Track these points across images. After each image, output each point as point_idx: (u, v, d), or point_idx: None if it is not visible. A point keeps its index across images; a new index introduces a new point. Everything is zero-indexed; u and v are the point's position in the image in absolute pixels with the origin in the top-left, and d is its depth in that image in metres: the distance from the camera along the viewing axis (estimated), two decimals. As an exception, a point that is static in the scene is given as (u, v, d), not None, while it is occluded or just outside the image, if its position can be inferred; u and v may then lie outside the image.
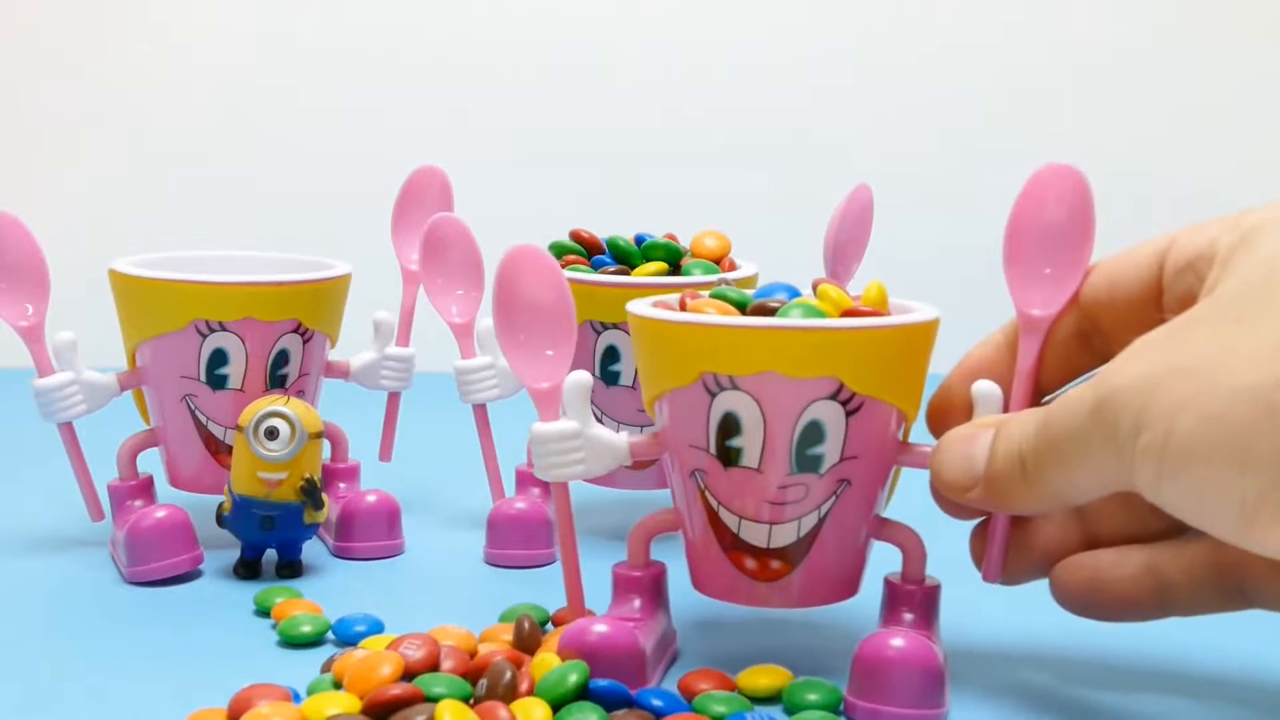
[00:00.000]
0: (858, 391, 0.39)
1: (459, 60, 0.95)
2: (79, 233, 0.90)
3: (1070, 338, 0.42)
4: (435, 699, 0.37)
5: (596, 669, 0.39)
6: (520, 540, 0.54)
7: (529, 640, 0.42)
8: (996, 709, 0.41)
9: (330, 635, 0.45)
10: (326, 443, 0.54)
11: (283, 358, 0.54)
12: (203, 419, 0.53)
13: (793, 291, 0.42)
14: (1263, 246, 0.35)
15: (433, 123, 0.94)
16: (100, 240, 0.77)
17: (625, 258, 0.55)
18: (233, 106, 0.95)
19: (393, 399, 0.60)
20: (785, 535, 0.41)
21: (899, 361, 0.40)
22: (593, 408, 0.54)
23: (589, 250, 0.56)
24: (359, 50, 0.95)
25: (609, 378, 0.54)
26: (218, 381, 0.53)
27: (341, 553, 0.55)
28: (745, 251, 0.57)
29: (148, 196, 0.95)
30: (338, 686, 0.40)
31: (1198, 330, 0.34)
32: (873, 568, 0.43)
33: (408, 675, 0.39)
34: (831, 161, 0.93)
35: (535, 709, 0.37)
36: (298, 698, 0.39)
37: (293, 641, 0.45)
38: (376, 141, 0.94)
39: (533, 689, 0.38)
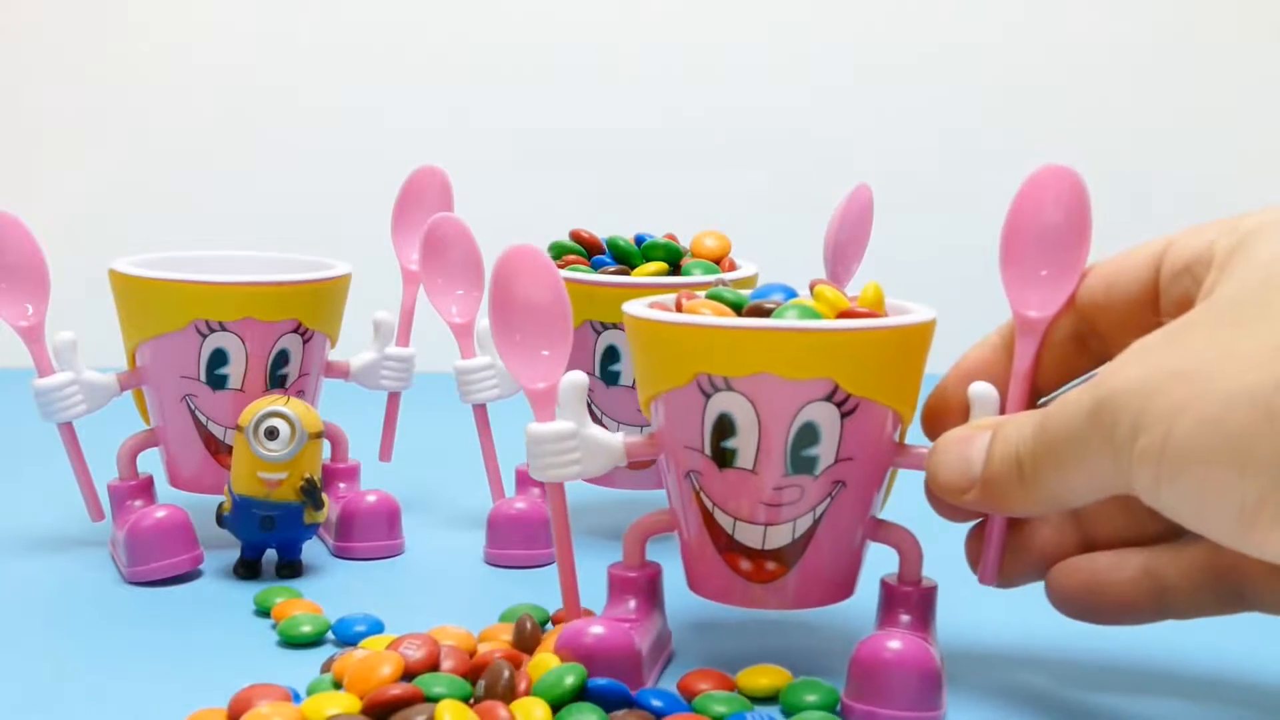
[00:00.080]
0: (853, 393, 0.39)
1: (459, 60, 0.95)
2: (79, 233, 0.90)
3: (1067, 339, 0.42)
4: (435, 699, 0.37)
5: (592, 670, 0.39)
6: (520, 540, 0.54)
7: (529, 640, 0.42)
8: (993, 711, 0.41)
9: (330, 635, 0.45)
10: (326, 443, 0.54)
11: (283, 358, 0.54)
12: (203, 419, 0.53)
13: (789, 292, 0.42)
14: (1260, 250, 0.35)
15: (433, 123, 0.94)
16: (100, 240, 0.77)
17: (625, 258, 0.55)
18: (233, 106, 0.95)
19: (393, 399, 0.60)
20: (780, 536, 0.41)
21: (895, 363, 0.40)
22: (593, 408, 0.55)
23: (589, 250, 0.56)
24: (359, 50, 0.95)
25: (609, 378, 0.54)
26: (218, 381, 0.53)
27: (341, 553, 0.55)
28: (745, 252, 0.57)
29: (148, 196, 0.95)
30: (338, 686, 0.40)
31: (1195, 334, 0.34)
32: (869, 569, 0.43)
33: (408, 675, 0.39)
34: (831, 161, 0.93)
35: (535, 709, 0.37)
36: (298, 698, 0.39)
37: (293, 641, 0.45)
38: (376, 141, 0.94)
39: (530, 689, 0.38)
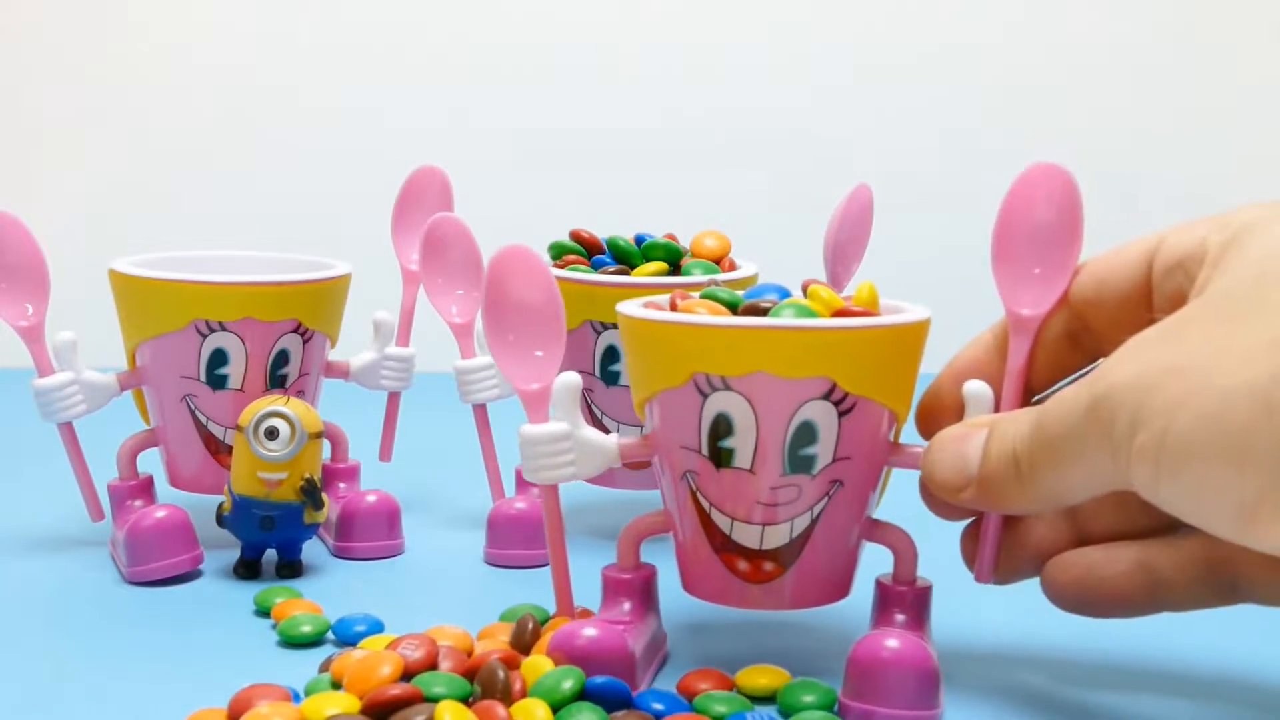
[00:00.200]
0: (851, 391, 0.39)
1: (459, 60, 0.95)
2: (79, 233, 0.90)
3: (1060, 337, 0.42)
4: (435, 699, 0.37)
5: (586, 672, 0.38)
6: (520, 540, 0.54)
7: (528, 640, 0.42)
8: (991, 710, 0.41)
9: (330, 635, 0.46)
10: (326, 443, 0.55)
11: (283, 358, 0.54)
12: (203, 419, 0.53)
13: (783, 292, 0.42)
14: (1253, 246, 0.35)
15: (433, 123, 0.94)
16: (100, 240, 0.77)
17: (625, 258, 0.55)
18: (233, 106, 0.96)
19: (393, 399, 0.60)
20: (778, 536, 0.41)
21: (892, 361, 0.40)
22: (594, 408, 0.55)
23: (589, 250, 0.56)
24: (359, 50, 0.95)
25: (609, 378, 0.54)
26: (218, 381, 0.53)
27: (341, 553, 0.55)
28: (745, 251, 0.57)
29: (148, 196, 0.95)
30: (337, 686, 0.40)
31: (1191, 330, 0.34)
32: (864, 569, 0.43)
33: (407, 675, 0.39)
34: (831, 161, 0.93)
35: (535, 709, 0.36)
36: (297, 698, 0.39)
37: (292, 641, 0.45)
38: (376, 141, 0.94)
39: (525, 691, 0.38)
